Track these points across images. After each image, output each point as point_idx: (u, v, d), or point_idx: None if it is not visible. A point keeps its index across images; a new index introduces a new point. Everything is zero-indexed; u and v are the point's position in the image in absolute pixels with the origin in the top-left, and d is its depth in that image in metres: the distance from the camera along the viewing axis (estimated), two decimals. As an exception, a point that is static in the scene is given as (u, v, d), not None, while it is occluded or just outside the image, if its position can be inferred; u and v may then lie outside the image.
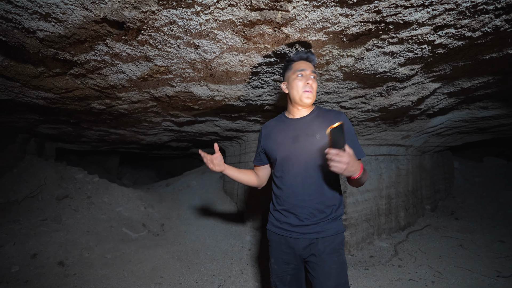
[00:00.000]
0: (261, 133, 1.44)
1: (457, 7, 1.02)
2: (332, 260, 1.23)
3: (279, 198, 1.33)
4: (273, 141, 1.34)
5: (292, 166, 1.27)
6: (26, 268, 2.40)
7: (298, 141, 1.27)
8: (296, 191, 1.26)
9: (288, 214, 1.29)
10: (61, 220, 3.07)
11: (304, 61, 1.29)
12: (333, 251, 1.24)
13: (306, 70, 1.27)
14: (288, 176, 1.28)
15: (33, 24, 1.18)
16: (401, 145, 4.10)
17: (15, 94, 2.09)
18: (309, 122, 1.30)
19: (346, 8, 1.06)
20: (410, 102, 2.21)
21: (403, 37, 1.26)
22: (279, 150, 1.30)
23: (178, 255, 2.99)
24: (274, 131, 1.37)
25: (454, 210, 5.11)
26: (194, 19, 1.13)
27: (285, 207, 1.29)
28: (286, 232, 1.29)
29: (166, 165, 9.16)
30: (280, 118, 1.42)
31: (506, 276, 2.59)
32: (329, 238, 1.25)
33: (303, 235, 1.25)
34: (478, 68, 1.66)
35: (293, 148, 1.27)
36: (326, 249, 1.23)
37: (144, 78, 1.78)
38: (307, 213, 1.25)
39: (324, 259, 1.23)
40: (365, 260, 3.05)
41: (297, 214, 1.26)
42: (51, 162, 4.04)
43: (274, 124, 1.41)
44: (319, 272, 1.23)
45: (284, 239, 1.30)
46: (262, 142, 1.41)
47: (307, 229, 1.25)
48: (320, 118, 1.30)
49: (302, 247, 1.26)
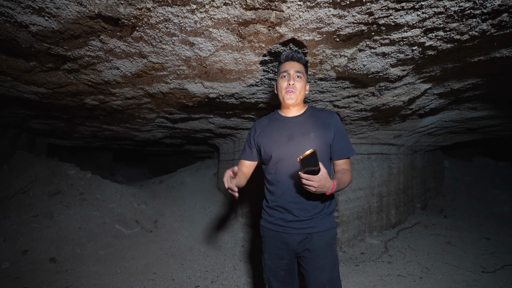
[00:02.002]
0: (255, 130, 1.44)
1: (446, 11, 1.05)
2: (326, 255, 1.27)
3: (272, 195, 1.35)
4: (268, 139, 1.36)
5: (287, 163, 1.29)
6: (17, 264, 2.38)
7: (293, 139, 1.30)
8: (290, 188, 1.29)
9: (282, 210, 1.31)
10: (53, 216, 3.04)
11: (290, 61, 1.31)
12: (326, 246, 1.28)
13: (290, 71, 1.29)
14: (282, 173, 1.30)
15: (26, 19, 1.16)
16: (393, 144, 4.18)
17: (6, 89, 2.05)
18: (303, 121, 1.34)
19: (339, 9, 1.08)
20: (402, 102, 2.25)
21: (395, 39, 1.29)
22: (274, 148, 1.32)
23: (172, 251, 3.00)
24: (268, 129, 1.39)
25: (444, 208, 5.23)
26: (189, 17, 1.14)
27: (279, 203, 1.32)
28: (280, 227, 1.32)
29: (160, 162, 9.11)
30: (274, 116, 1.43)
31: (490, 271, 2.68)
32: (323, 233, 1.28)
33: (297, 230, 1.28)
34: (467, 70, 1.71)
35: (288, 146, 1.30)
36: (320, 244, 1.27)
37: (138, 75, 1.78)
38: (301, 209, 1.28)
39: (318, 254, 1.26)
40: (356, 257, 3.11)
41: (291, 210, 1.29)
42: (42, 158, 3.99)
43: (268, 122, 1.42)
44: (313, 267, 1.26)
45: (278, 234, 1.33)
46: (257, 139, 1.42)
47: (301, 224, 1.28)
48: (313, 118, 1.34)
49: (297, 242, 1.29)
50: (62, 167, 3.86)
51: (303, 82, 1.32)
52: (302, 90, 1.32)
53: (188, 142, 5.14)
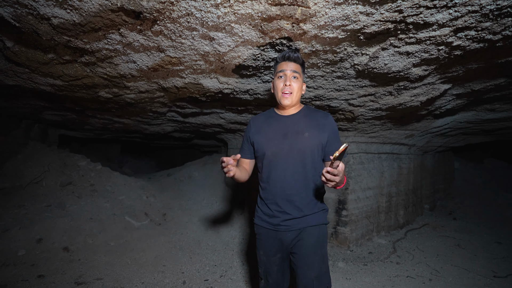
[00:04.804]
0: (250, 127, 1.44)
1: (481, 9, 1.01)
2: (315, 252, 1.31)
3: (266, 192, 1.37)
4: (263, 136, 1.36)
5: (280, 161, 1.31)
6: (32, 252, 2.43)
7: (287, 138, 1.31)
8: (283, 185, 1.31)
9: (276, 208, 1.34)
10: (65, 207, 3.09)
11: (287, 61, 1.29)
12: (316, 243, 1.32)
13: (286, 71, 1.28)
14: (276, 171, 1.32)
15: (48, 11, 1.16)
16: (404, 144, 4.11)
17: (23, 80, 2.07)
18: (299, 120, 1.34)
19: (368, 6, 1.05)
20: (419, 102, 2.20)
21: (421, 38, 1.25)
22: (269, 145, 1.33)
23: (180, 244, 3.04)
24: (264, 126, 1.39)
25: (453, 210, 5.16)
26: (213, 12, 1.12)
27: (273, 201, 1.34)
28: (273, 226, 1.35)
29: (167, 155, 9.17)
30: (270, 114, 1.44)
31: (502, 276, 2.65)
32: (314, 231, 1.32)
33: (290, 227, 1.32)
34: (492, 71, 1.65)
35: (282, 144, 1.31)
36: (311, 240, 1.32)
37: (154, 69, 1.77)
38: (294, 206, 1.31)
39: (308, 252, 1.31)
40: (364, 256, 3.10)
41: (284, 207, 1.32)
42: (54, 149, 4.04)
43: (264, 119, 1.42)
44: (303, 263, 1.32)
45: (272, 232, 1.36)
46: (252, 136, 1.41)
47: (294, 222, 1.32)
48: (309, 118, 1.35)
49: (290, 239, 1.33)
50: (73, 158, 3.92)
51: (300, 82, 1.31)
52: (298, 91, 1.31)
53: (196, 137, 5.15)
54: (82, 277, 2.25)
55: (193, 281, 2.42)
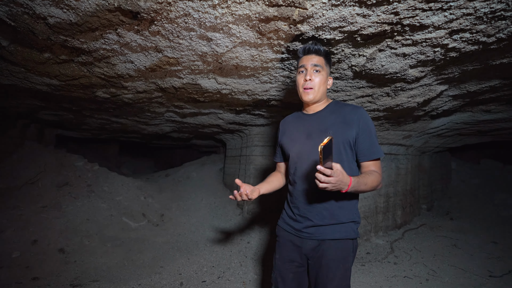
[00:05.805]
0: (279, 129, 1.44)
1: (475, 12, 1.02)
2: (337, 267, 1.17)
3: (291, 196, 1.31)
4: (288, 137, 1.33)
5: (304, 163, 1.23)
6: (27, 254, 2.41)
7: (311, 137, 1.23)
8: (307, 189, 1.22)
9: (298, 213, 1.26)
10: (61, 207, 3.07)
11: (307, 54, 1.22)
12: (340, 259, 1.17)
13: (307, 65, 1.20)
14: (300, 173, 1.24)
15: (45, 10, 1.15)
16: (401, 145, 4.13)
17: (19, 80, 2.06)
18: (324, 118, 1.24)
19: (365, 8, 1.05)
20: (416, 103, 2.21)
21: (417, 39, 1.26)
22: (293, 146, 1.29)
23: (178, 245, 3.02)
24: (290, 127, 1.36)
25: (450, 210, 5.19)
26: (210, 12, 1.12)
27: (296, 205, 1.27)
28: (294, 230, 1.27)
29: (165, 155, 9.14)
30: (297, 114, 1.39)
31: (497, 276, 2.67)
32: (337, 242, 1.18)
33: (311, 235, 1.21)
34: (487, 73, 1.67)
35: (306, 145, 1.24)
36: (333, 254, 1.17)
37: (152, 69, 1.76)
38: (316, 212, 1.20)
39: (329, 265, 1.17)
40: (361, 257, 3.10)
41: (306, 213, 1.22)
42: (51, 149, 4.01)
43: (291, 120, 1.39)
44: (322, 276, 1.18)
45: (292, 236, 1.28)
46: (280, 138, 1.40)
47: (316, 230, 1.20)
48: (335, 114, 1.23)
49: (310, 248, 1.22)
50: (70, 158, 3.89)
51: (323, 76, 1.20)
52: (321, 85, 1.20)
53: (195, 137, 5.14)
54: (78, 279, 2.23)
55: (190, 282, 2.41)
